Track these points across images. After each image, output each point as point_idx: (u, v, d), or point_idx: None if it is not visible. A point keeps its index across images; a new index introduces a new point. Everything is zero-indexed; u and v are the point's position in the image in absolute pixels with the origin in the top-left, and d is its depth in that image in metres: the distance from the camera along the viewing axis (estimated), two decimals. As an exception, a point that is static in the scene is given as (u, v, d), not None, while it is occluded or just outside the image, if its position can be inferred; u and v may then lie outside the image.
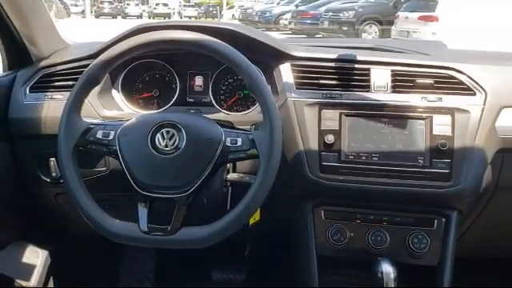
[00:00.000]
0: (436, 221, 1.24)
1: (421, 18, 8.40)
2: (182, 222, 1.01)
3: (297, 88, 1.29)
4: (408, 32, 8.76)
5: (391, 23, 9.92)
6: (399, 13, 9.57)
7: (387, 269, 1.15)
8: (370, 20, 11.53)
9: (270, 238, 1.77)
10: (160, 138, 1.03)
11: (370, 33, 11.31)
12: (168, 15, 28.74)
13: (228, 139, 1.04)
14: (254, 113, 1.36)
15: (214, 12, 28.25)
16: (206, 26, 1.26)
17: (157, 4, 30.48)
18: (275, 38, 1.42)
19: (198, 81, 1.44)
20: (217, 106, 1.41)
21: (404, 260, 1.24)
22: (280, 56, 1.33)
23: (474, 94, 1.24)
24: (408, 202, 1.23)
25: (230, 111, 1.40)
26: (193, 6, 31.03)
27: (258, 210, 1.23)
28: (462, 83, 1.24)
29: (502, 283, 1.84)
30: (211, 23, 1.34)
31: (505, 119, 1.23)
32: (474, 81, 1.24)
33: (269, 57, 1.33)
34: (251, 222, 1.28)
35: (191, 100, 1.44)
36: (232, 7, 27.38)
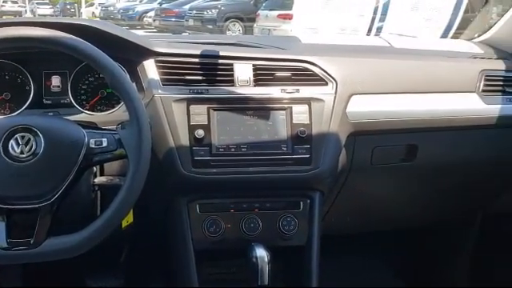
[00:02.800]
0: (301, 203, 1.33)
1: (279, 17, 8.83)
2: (48, 232, 0.95)
3: (163, 84, 1.28)
4: (269, 30, 9.15)
5: (253, 21, 10.29)
6: (260, 11, 9.96)
7: (261, 253, 1.20)
8: (233, 18, 11.87)
9: (146, 240, 1.74)
10: (14, 144, 0.95)
11: (234, 31, 11.63)
12: (19, 13, 26.09)
13: (92, 140, 1.00)
14: (120, 112, 1.32)
15: (72, 10, 26.40)
16: (61, 23, 1.18)
17: (4, 1, 27.63)
18: (137, 34, 1.39)
19: (55, 81, 1.34)
20: (78, 107, 1.33)
21: (276, 243, 1.31)
22: (142, 52, 1.30)
23: (327, 84, 1.34)
24: (275, 187, 1.31)
25: (93, 111, 1.34)
26: (47, 4, 28.71)
27: (131, 211, 1.21)
28: (315, 74, 1.34)
29: (365, 256, 2.05)
30: (66, 19, 1.26)
31: (353, 105, 1.35)
32: (325, 72, 1.35)
33: (131, 53, 1.30)
34: (124, 224, 1.24)
35: (48, 102, 1.34)
36: (92, 5, 25.87)
